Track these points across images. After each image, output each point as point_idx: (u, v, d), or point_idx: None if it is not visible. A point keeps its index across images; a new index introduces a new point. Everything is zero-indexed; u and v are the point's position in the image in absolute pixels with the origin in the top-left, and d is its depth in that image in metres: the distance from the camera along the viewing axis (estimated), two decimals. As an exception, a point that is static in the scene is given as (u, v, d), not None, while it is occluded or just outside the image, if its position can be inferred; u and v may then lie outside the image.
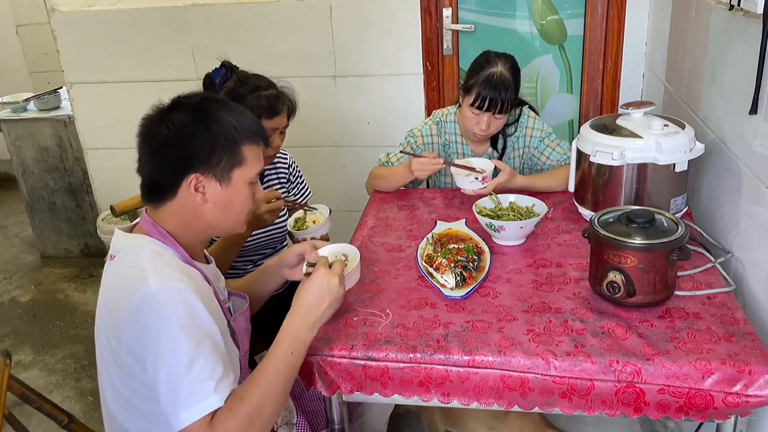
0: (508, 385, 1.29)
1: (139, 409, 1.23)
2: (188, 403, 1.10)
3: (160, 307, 1.13)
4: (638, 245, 1.35)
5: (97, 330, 1.28)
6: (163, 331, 1.12)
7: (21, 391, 1.64)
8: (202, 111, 1.25)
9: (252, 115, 1.32)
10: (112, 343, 1.20)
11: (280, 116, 1.84)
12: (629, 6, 2.70)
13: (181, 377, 1.10)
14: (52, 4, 3.05)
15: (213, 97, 1.31)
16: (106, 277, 1.26)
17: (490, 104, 1.97)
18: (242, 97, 1.79)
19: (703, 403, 1.23)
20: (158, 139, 1.23)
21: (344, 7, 2.84)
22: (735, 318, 1.36)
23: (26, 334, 3.08)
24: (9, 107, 3.69)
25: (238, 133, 1.25)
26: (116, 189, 3.15)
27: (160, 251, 1.23)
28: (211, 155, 1.23)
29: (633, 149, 1.67)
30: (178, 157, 1.23)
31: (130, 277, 1.18)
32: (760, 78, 1.42)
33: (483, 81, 1.96)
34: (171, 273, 1.17)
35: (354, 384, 1.35)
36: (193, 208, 1.25)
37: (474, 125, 2.03)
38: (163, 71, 3.05)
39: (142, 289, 1.13)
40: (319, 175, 2.26)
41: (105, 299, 1.25)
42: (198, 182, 1.23)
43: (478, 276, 1.57)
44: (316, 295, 1.26)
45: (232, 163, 1.25)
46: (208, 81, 1.90)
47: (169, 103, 1.27)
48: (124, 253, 1.24)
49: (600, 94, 2.88)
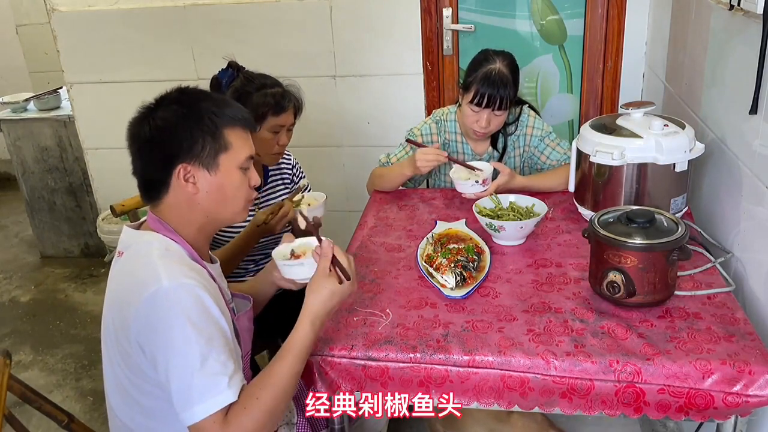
0: (508, 385, 1.29)
1: (144, 407, 1.24)
2: (202, 397, 1.11)
3: (172, 304, 1.14)
4: (638, 245, 1.35)
5: (104, 326, 1.28)
6: (174, 327, 1.13)
7: (21, 391, 1.64)
8: (180, 103, 1.27)
9: (235, 103, 1.34)
10: (120, 339, 1.21)
11: (287, 113, 1.86)
12: (629, 6, 2.70)
13: (195, 372, 1.11)
14: (52, 4, 3.05)
15: (192, 89, 1.32)
16: (115, 274, 1.27)
17: (489, 101, 1.97)
18: (248, 95, 1.81)
19: (703, 403, 1.23)
20: (142, 138, 1.25)
21: (344, 7, 2.84)
22: (735, 318, 1.36)
23: (26, 334, 3.08)
24: (9, 107, 3.69)
25: (218, 118, 1.26)
26: (116, 189, 3.14)
27: (169, 248, 1.24)
28: (194, 144, 1.24)
29: (633, 149, 1.67)
30: (163, 151, 1.24)
31: (140, 274, 1.19)
32: (760, 78, 1.42)
33: (481, 78, 1.97)
34: (181, 269, 1.18)
35: (354, 384, 1.35)
36: (187, 200, 1.27)
37: (474, 123, 2.03)
38: (163, 71, 3.05)
39: (153, 285, 1.14)
40: (319, 175, 2.27)
41: (114, 295, 1.25)
42: (186, 172, 1.24)
43: (478, 276, 1.57)
44: (325, 298, 1.25)
45: (217, 149, 1.25)
46: (215, 82, 1.92)
47: (152, 102, 1.29)
48: (133, 249, 1.25)
49: (600, 94, 2.88)
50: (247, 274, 2.06)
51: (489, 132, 2.08)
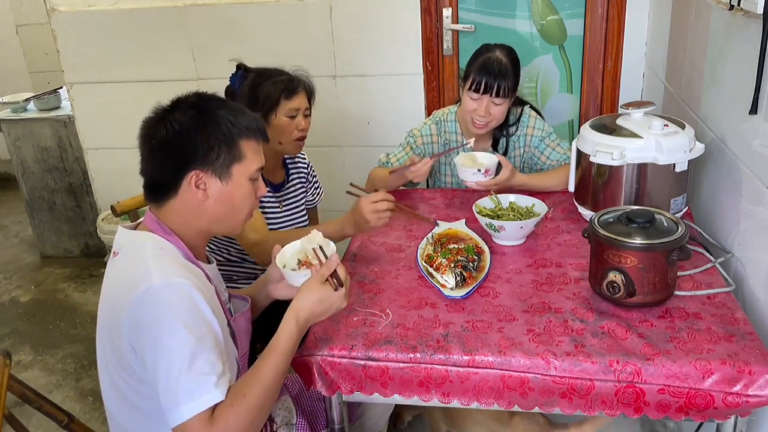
0: (508, 385, 1.29)
1: (139, 408, 1.23)
2: (189, 396, 1.10)
3: (163, 302, 1.13)
4: (638, 245, 1.35)
5: (99, 328, 1.28)
6: (165, 325, 1.12)
7: (21, 391, 1.64)
8: (199, 109, 1.27)
9: (250, 113, 1.34)
10: (113, 339, 1.21)
11: (299, 96, 1.90)
12: (629, 6, 2.69)
13: (183, 371, 1.10)
14: (52, 4, 3.05)
15: (210, 95, 1.33)
16: (109, 274, 1.27)
17: (486, 87, 1.97)
18: (259, 86, 1.87)
19: (703, 403, 1.23)
20: (158, 139, 1.25)
21: (344, 7, 2.84)
22: (735, 318, 1.36)
23: (26, 334, 3.08)
24: (9, 107, 3.69)
25: (235, 128, 1.26)
26: (116, 189, 3.14)
27: (163, 248, 1.24)
28: (210, 152, 1.24)
29: (633, 149, 1.67)
30: (178, 155, 1.24)
31: (133, 273, 1.19)
32: (760, 78, 1.42)
33: (480, 64, 2.00)
34: (174, 268, 1.18)
35: (354, 384, 1.35)
36: (194, 206, 1.27)
37: (473, 111, 2.03)
38: (163, 71, 3.05)
39: (145, 283, 1.14)
40: (319, 175, 2.27)
41: (107, 295, 1.25)
42: (198, 179, 1.24)
43: (478, 276, 1.57)
44: (314, 302, 1.26)
45: (231, 159, 1.26)
46: (229, 90, 1.97)
47: (168, 104, 1.29)
48: (128, 249, 1.25)
49: (600, 94, 2.88)
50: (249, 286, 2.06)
51: (489, 124, 2.06)
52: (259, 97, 1.86)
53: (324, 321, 1.43)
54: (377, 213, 1.70)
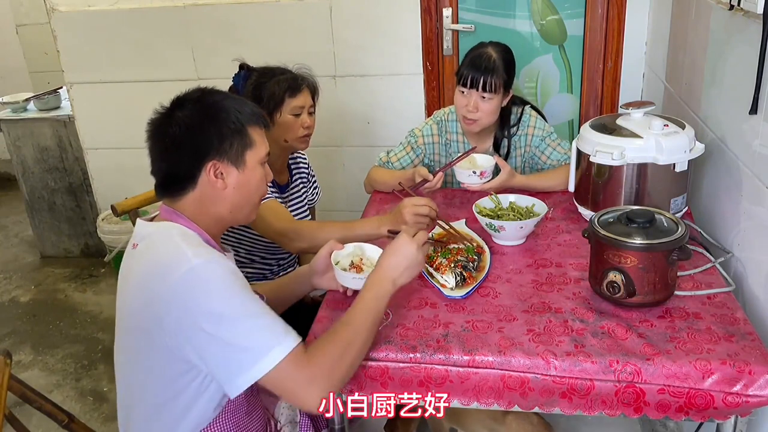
0: (508, 385, 1.29)
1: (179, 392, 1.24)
2: (272, 342, 1.15)
3: (208, 279, 1.17)
4: (638, 245, 1.35)
5: (123, 320, 1.28)
6: (216, 299, 1.15)
7: (21, 391, 1.64)
8: (204, 103, 1.30)
9: (250, 102, 1.38)
10: (150, 327, 1.20)
11: (303, 93, 1.92)
12: (629, 6, 2.70)
13: (254, 328, 1.16)
14: (52, 4, 3.05)
15: (211, 89, 1.36)
16: (133, 265, 1.27)
17: (474, 81, 1.98)
18: (263, 85, 1.88)
19: (703, 403, 1.23)
20: (169, 137, 1.27)
21: (344, 7, 2.84)
22: (735, 318, 1.36)
23: (26, 334, 3.08)
24: (9, 107, 3.69)
25: (242, 116, 1.31)
26: (116, 189, 3.15)
27: (186, 233, 1.26)
28: (223, 141, 1.28)
29: (633, 149, 1.67)
30: (193, 148, 1.27)
31: (165, 258, 1.20)
32: (760, 78, 1.42)
33: (469, 60, 2.01)
34: (207, 249, 1.22)
35: (354, 384, 1.34)
36: (213, 195, 1.30)
37: (463, 107, 2.04)
38: (163, 71, 3.05)
39: (185, 264, 1.16)
40: (319, 174, 2.28)
41: (137, 285, 1.24)
42: (216, 169, 1.28)
43: (478, 276, 1.57)
44: (398, 258, 1.34)
45: (244, 146, 1.30)
46: (233, 89, 1.97)
47: (171, 103, 1.31)
48: (152, 238, 1.26)
49: (600, 94, 2.88)
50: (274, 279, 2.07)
51: (479, 121, 2.05)
52: (264, 95, 1.86)
53: (324, 321, 1.45)
54: (417, 216, 1.71)
